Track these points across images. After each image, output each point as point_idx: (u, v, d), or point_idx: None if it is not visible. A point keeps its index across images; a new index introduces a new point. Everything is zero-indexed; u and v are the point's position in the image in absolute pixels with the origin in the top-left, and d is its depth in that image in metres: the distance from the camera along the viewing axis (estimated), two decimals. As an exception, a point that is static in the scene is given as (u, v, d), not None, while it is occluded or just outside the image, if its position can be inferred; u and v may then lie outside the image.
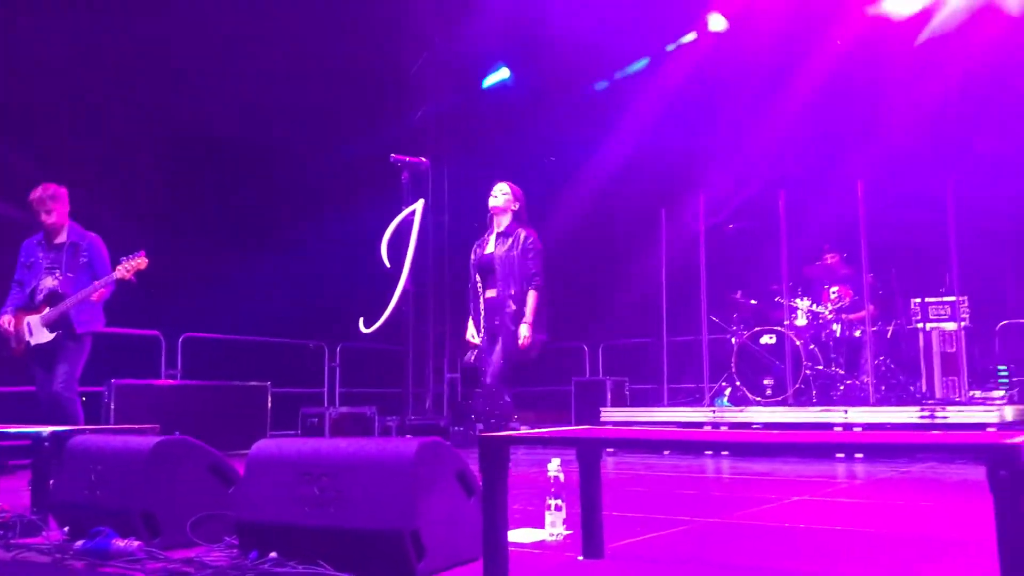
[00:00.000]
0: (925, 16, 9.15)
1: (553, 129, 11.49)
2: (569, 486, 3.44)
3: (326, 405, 10.42)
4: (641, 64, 10.97)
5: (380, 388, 10.66)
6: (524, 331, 5.43)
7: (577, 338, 11.15)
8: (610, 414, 9.28)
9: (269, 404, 9.09)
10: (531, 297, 5.51)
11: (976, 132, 9.21)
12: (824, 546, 3.50)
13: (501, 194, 5.75)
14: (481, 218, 12.20)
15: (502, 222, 5.72)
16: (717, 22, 10.58)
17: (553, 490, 3.55)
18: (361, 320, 4.84)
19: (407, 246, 4.67)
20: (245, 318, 9.74)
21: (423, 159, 4.99)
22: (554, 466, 3.55)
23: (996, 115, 9.10)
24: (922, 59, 9.22)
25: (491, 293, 5.61)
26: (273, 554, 2.92)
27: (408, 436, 6.18)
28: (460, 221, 11.95)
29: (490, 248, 5.70)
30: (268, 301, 10.08)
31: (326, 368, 10.70)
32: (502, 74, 12.01)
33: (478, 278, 5.70)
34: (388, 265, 4.72)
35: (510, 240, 5.60)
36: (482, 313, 5.65)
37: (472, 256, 5.80)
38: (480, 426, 6.78)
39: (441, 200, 11.84)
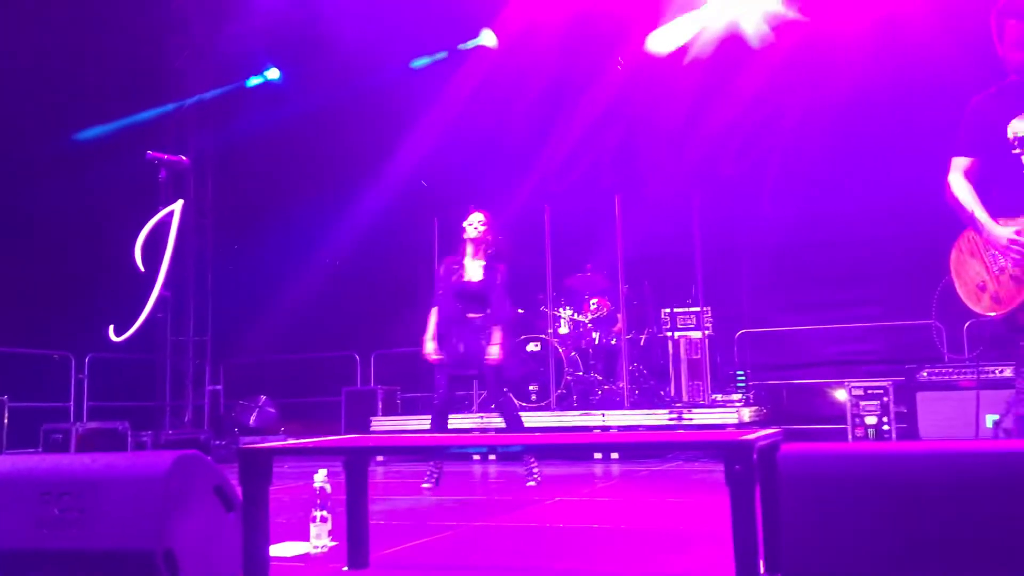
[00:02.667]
0: (683, 50, 9.81)
1: (326, 135, 11.29)
2: (336, 497, 3.39)
3: (72, 420, 9.61)
4: (423, 61, 10.97)
5: (134, 401, 9.98)
6: (495, 351, 5.78)
7: (348, 346, 11.01)
8: (381, 423, 9.23)
9: (5, 420, 8.26)
10: (503, 326, 5.91)
11: (719, 155, 10.02)
12: (582, 543, 3.67)
13: (478, 224, 5.97)
14: (247, 219, 11.75)
15: (478, 252, 5.97)
16: (489, 38, 10.82)
17: (319, 501, 3.48)
18: (111, 328, 4.52)
19: (164, 249, 4.42)
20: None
21: (183, 157, 4.75)
22: (320, 477, 3.48)
23: (736, 139, 9.95)
24: (672, 84, 9.90)
25: (474, 315, 5.88)
26: (5, 584, 2.65)
27: (162, 451, 5.86)
28: (224, 224, 11.47)
29: (471, 275, 5.95)
30: (6, 307, 9.17)
31: (72, 380, 9.86)
32: (271, 74, 11.65)
33: (456, 298, 5.93)
34: (143, 269, 4.44)
35: (491, 271, 5.93)
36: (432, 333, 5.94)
37: (444, 274, 6.02)
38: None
39: (204, 202, 11.30)
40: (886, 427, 7.41)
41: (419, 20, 10.23)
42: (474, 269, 5.96)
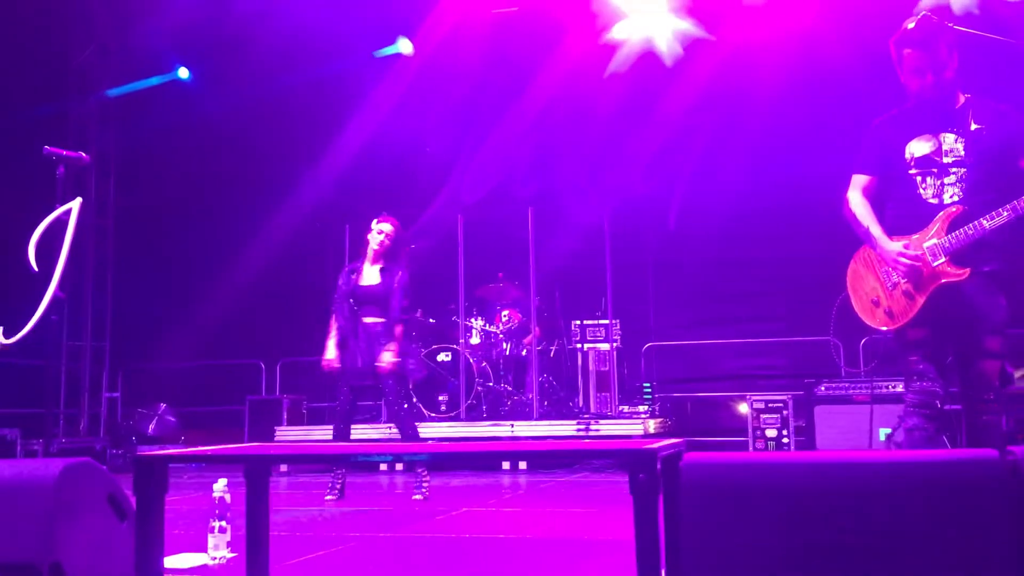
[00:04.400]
0: (599, 65, 9.93)
1: (236, 136, 11.04)
2: (237, 508, 3.30)
3: (-45, 427, 9.13)
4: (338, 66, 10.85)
5: (25, 408, 9.54)
6: (388, 357, 5.75)
7: (253, 354, 10.76)
8: (286, 433, 9.04)
9: None
10: (398, 329, 5.88)
11: (630, 171, 10.19)
12: (488, 553, 3.66)
13: (386, 235, 5.99)
14: (150, 220, 11.38)
15: (382, 256, 5.97)
16: (405, 46, 10.77)
17: (217, 511, 3.38)
18: (0, 329, 4.31)
19: (60, 248, 4.24)
20: None
21: (83, 154, 4.57)
22: (219, 487, 3.39)
23: (646, 157, 10.13)
24: (588, 100, 10.03)
25: (372, 320, 5.84)
26: None
27: (51, 458, 5.62)
28: (127, 225, 11.09)
29: (368, 279, 5.94)
30: None
31: (-43, 385, 9.38)
32: (181, 73, 11.35)
33: (353, 304, 5.93)
34: (36, 269, 4.25)
35: (388, 274, 5.92)
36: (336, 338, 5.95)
37: (343, 282, 6.03)
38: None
39: (105, 202, 10.91)
40: (785, 440, 7.63)
41: (335, 25, 10.11)
42: (371, 273, 5.94)
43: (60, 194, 4.37)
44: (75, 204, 4.32)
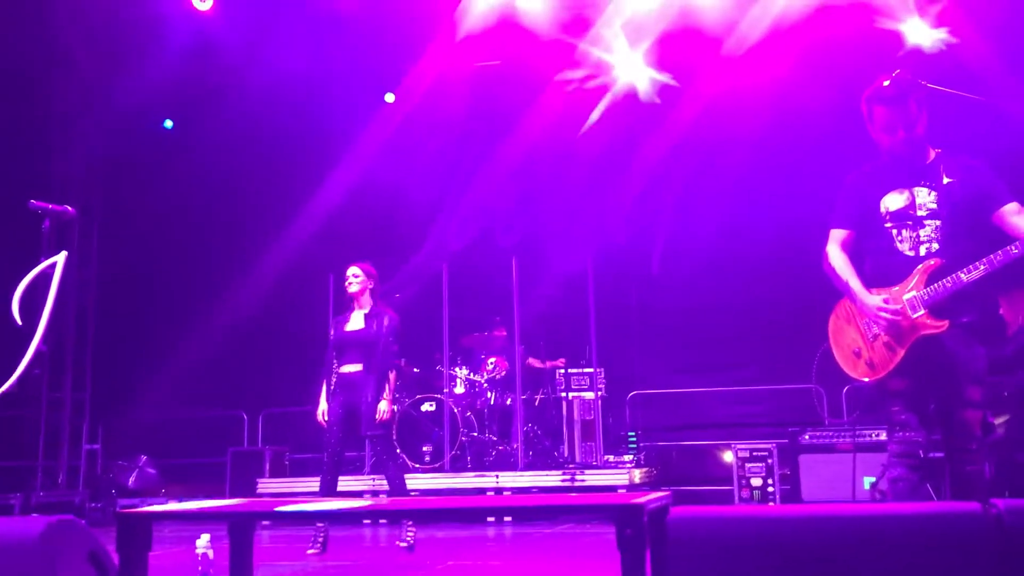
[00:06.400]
0: (590, 102, 10.04)
1: (220, 187, 11.07)
2: (220, 563, 3.26)
3: (-69, 482, 8.99)
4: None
5: (3, 461, 9.41)
6: (383, 406, 5.70)
7: (235, 405, 10.67)
8: (268, 485, 8.94)
9: None
10: (391, 375, 5.85)
11: (611, 219, 10.29)
12: (473, 609, 3.62)
13: (354, 279, 5.96)
14: (132, 273, 11.35)
15: (364, 303, 5.94)
16: (388, 96, 10.90)
17: (200, 568, 3.35)
18: (-18, 384, 4.29)
19: (44, 302, 4.23)
20: None
21: (68, 208, 4.59)
22: (203, 543, 3.36)
23: (627, 204, 10.24)
24: (568, 147, 10.15)
25: (350, 368, 5.77)
26: None
27: (33, 516, 5.54)
28: (109, 277, 11.04)
29: (353, 325, 5.89)
30: None
31: (-66, 439, 9.25)
32: (165, 124, 11.43)
33: (335, 353, 5.89)
34: (19, 322, 4.24)
35: (373, 319, 5.86)
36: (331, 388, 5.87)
37: (332, 332, 5.99)
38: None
39: (88, 253, 10.88)
40: (770, 488, 7.62)
41: (319, 76, 10.22)
42: (356, 319, 5.93)
43: (45, 248, 4.38)
44: (60, 258, 4.33)
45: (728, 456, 8.18)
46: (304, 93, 10.39)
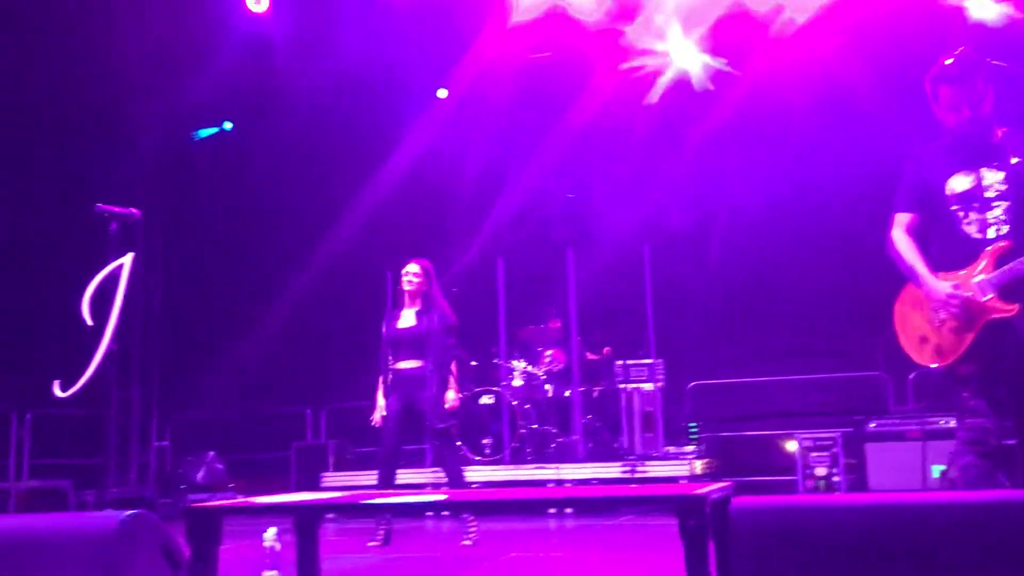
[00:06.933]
0: (642, 89, 9.95)
1: (278, 186, 11.26)
2: (287, 556, 3.32)
3: (13, 479, 9.31)
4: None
5: (78, 459, 9.69)
6: (451, 395, 5.85)
7: (299, 401, 10.85)
8: (332, 479, 9.07)
9: (-61, 480, 7.98)
10: (453, 366, 5.94)
11: (668, 206, 10.19)
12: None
13: (413, 275, 6.00)
14: (197, 272, 11.60)
15: (417, 299, 5.98)
16: (441, 92, 10.97)
17: (268, 561, 3.41)
18: (56, 383, 4.42)
19: (112, 303, 4.35)
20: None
21: (134, 210, 4.70)
22: (270, 536, 3.42)
23: (684, 191, 10.13)
24: (621, 136, 10.08)
25: (406, 365, 5.82)
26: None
27: (108, 510, 5.71)
28: (173, 277, 11.30)
29: (405, 322, 5.94)
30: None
31: (13, 437, 9.56)
32: (224, 126, 11.66)
33: (390, 350, 5.95)
34: (90, 323, 4.36)
35: (425, 316, 5.89)
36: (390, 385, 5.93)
37: (384, 329, 6.03)
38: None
39: (153, 255, 11.15)
40: (836, 478, 7.49)
41: (371, 75, 10.32)
42: (408, 316, 5.96)
43: (112, 250, 4.49)
44: (127, 259, 4.44)
45: (791, 446, 8.06)
46: (357, 89, 10.50)
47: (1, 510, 7.95)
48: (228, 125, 11.71)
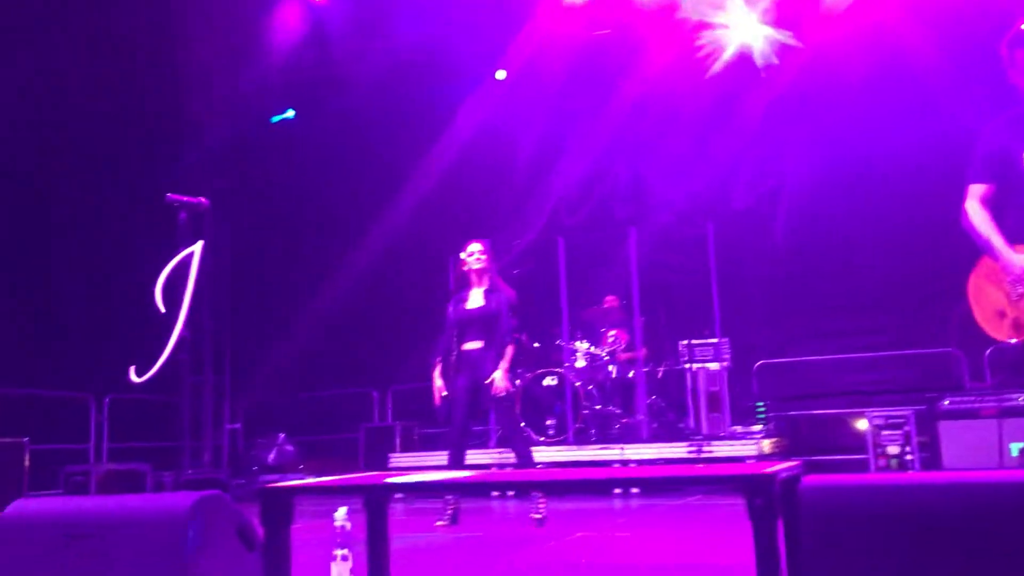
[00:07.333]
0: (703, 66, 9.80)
1: (340, 172, 11.40)
2: (357, 535, 3.38)
3: (92, 462, 9.64)
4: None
5: (154, 442, 10.01)
6: (499, 375, 5.79)
7: (365, 383, 11.01)
8: (399, 460, 9.20)
9: (26, 463, 8.29)
10: (509, 349, 5.89)
11: (731, 184, 10.03)
12: (604, 580, 3.64)
13: (479, 254, 5.99)
14: (264, 259, 11.82)
15: (482, 280, 6.00)
16: (499, 73, 10.96)
17: (339, 540, 3.47)
18: (132, 369, 4.56)
19: (184, 290, 4.46)
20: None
21: (203, 199, 4.81)
22: (340, 515, 3.47)
23: (748, 167, 9.97)
24: (682, 114, 9.94)
25: (473, 345, 5.85)
26: (27, 628, 2.66)
27: (183, 491, 5.88)
28: (242, 263, 11.54)
29: (473, 303, 5.96)
30: (26, 349, 9.24)
31: (92, 422, 9.91)
32: (287, 115, 11.83)
33: (457, 331, 5.96)
34: (163, 310, 4.48)
35: (492, 296, 5.92)
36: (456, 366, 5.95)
37: (451, 311, 6.05)
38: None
39: (222, 242, 11.40)
40: (908, 457, 7.33)
41: (429, 58, 10.35)
42: (476, 297, 5.97)
43: (182, 238, 4.61)
44: (197, 247, 4.54)
45: (862, 424, 7.91)
46: (415, 72, 10.55)
47: (82, 492, 8.24)
48: (291, 113, 11.88)
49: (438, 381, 5.99)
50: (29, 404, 9.23)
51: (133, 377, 4.32)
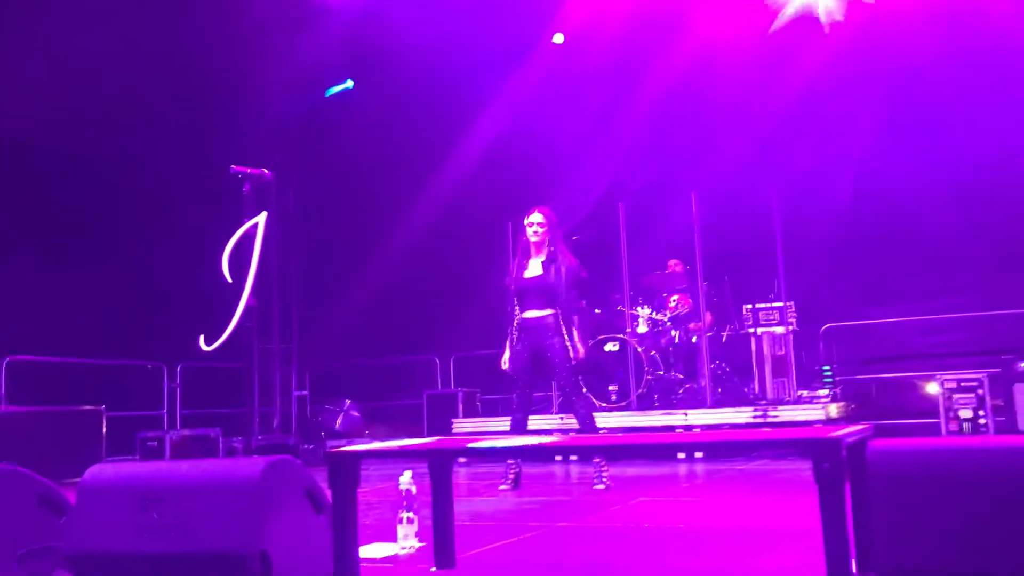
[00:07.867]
0: (754, 38, 9.63)
1: (399, 140, 11.45)
2: (422, 498, 3.44)
3: (166, 428, 9.96)
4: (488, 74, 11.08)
5: (224, 408, 10.28)
6: (579, 349, 5.86)
7: (428, 350, 11.13)
8: (462, 425, 9.31)
9: (104, 429, 8.60)
10: (575, 318, 5.93)
11: (796, 145, 9.82)
12: (668, 544, 3.65)
13: (538, 226, 5.95)
14: (327, 227, 12.00)
15: (542, 249, 5.97)
16: (557, 37, 10.86)
17: (405, 503, 3.53)
18: (202, 337, 4.68)
19: (250, 260, 4.54)
20: (76, 338, 9.19)
21: (266, 170, 4.88)
22: (406, 479, 3.54)
23: (814, 128, 9.74)
24: (745, 76, 9.74)
25: (533, 314, 5.84)
26: (110, 586, 2.77)
27: (255, 456, 6.03)
28: (305, 232, 11.72)
29: (532, 272, 5.94)
30: (101, 320, 9.55)
31: (165, 389, 10.22)
32: (346, 84, 11.91)
33: (516, 300, 5.96)
34: (230, 280, 4.58)
35: (551, 265, 5.89)
36: (516, 333, 5.95)
37: (509, 280, 6.07)
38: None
39: (285, 212, 11.59)
40: (982, 421, 7.16)
41: (487, 21, 10.31)
42: (534, 265, 5.96)
43: (247, 209, 4.69)
44: (261, 218, 4.62)
45: (933, 388, 7.75)
46: (472, 41, 10.51)
47: (157, 457, 8.53)
48: (350, 83, 11.96)
49: (507, 352, 6.01)
50: (105, 373, 9.56)
51: (203, 345, 4.44)
